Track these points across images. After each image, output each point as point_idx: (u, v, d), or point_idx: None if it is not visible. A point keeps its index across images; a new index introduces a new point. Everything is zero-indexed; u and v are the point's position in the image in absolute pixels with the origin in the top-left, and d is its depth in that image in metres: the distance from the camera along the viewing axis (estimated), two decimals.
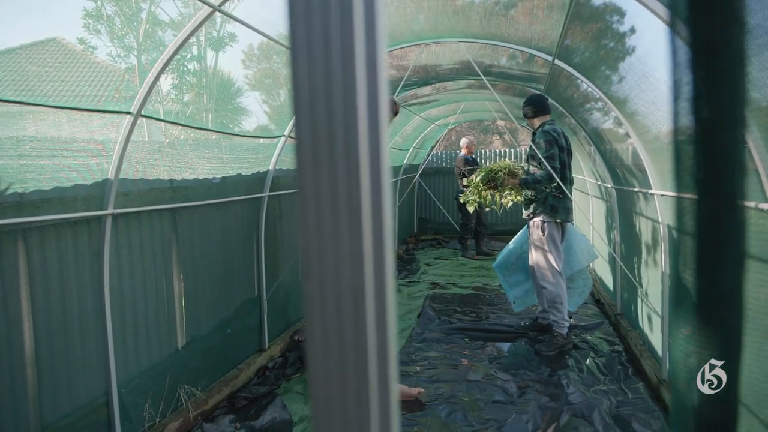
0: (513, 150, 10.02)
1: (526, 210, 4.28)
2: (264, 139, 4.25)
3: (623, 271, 4.36)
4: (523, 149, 9.16)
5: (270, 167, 4.05)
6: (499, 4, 3.66)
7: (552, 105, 4.66)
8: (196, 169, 3.37)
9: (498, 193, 4.40)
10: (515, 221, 9.11)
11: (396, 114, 3.12)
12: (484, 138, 20.78)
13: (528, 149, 4.37)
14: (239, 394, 3.43)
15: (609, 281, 5.26)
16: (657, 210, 3.31)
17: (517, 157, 9.58)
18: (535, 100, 4.28)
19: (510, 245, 4.70)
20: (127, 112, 2.56)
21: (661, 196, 3.22)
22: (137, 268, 2.84)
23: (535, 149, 4.00)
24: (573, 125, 5.26)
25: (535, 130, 4.23)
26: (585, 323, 4.71)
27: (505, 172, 4.30)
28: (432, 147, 10.41)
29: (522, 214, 4.40)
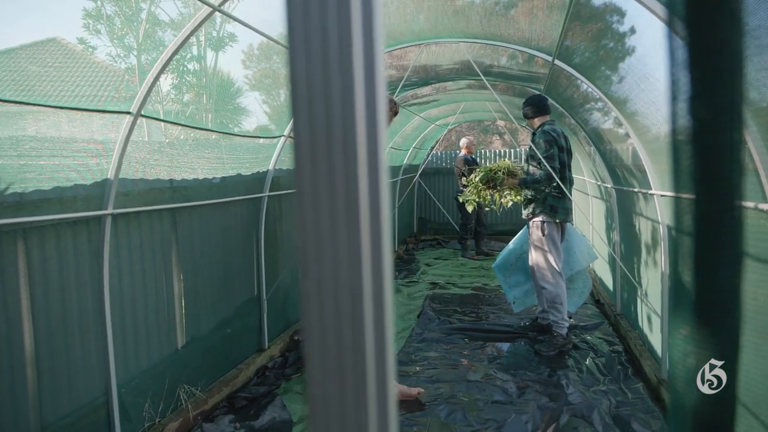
0: (513, 150, 10.02)
1: (525, 210, 4.28)
2: (264, 139, 4.25)
3: (623, 272, 4.36)
4: (523, 149, 9.16)
5: (270, 167, 4.05)
6: (499, 5, 3.66)
7: (552, 105, 4.66)
8: (196, 169, 3.37)
9: (497, 193, 4.40)
10: (515, 221, 9.11)
11: (396, 114, 3.12)
12: (484, 138, 20.78)
13: (528, 149, 4.37)
14: (239, 394, 3.43)
15: (609, 281, 5.26)
16: (657, 210, 3.31)
17: (517, 158, 9.58)
18: (535, 101, 4.28)
19: (510, 245, 4.70)
20: (127, 112, 2.56)
21: (661, 196, 3.22)
22: (137, 268, 2.84)
23: (534, 149, 4.00)
24: (573, 125, 5.26)
25: (534, 130, 4.24)
26: (585, 323, 4.71)
27: (504, 172, 4.30)
28: (432, 147, 10.41)
29: (522, 214, 4.40)
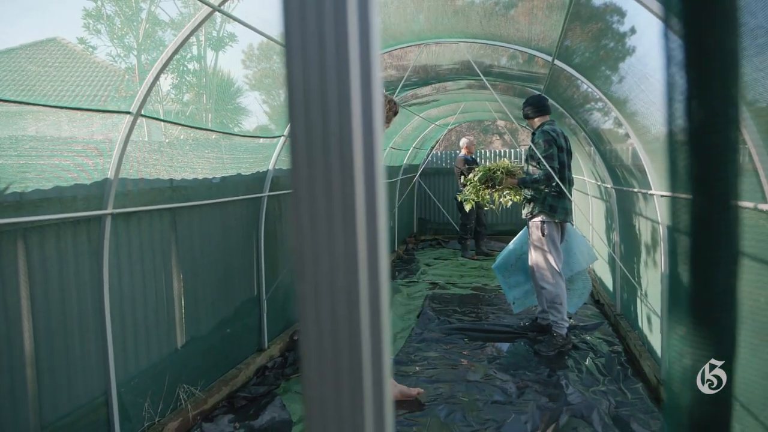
0: (513, 150, 10.02)
1: (524, 209, 4.28)
2: (264, 139, 4.25)
3: (623, 272, 4.36)
4: (522, 149, 9.16)
5: (270, 167, 4.05)
6: (499, 5, 3.66)
7: (552, 105, 4.66)
8: (196, 168, 3.37)
9: (496, 193, 4.40)
10: (515, 221, 9.11)
11: (396, 114, 3.12)
12: (484, 138, 20.78)
13: (527, 149, 4.37)
14: (238, 393, 3.43)
15: (608, 282, 5.26)
16: (656, 210, 3.31)
17: (517, 158, 9.58)
18: (535, 101, 4.29)
19: (510, 246, 4.70)
20: (127, 112, 2.56)
21: (661, 196, 3.22)
22: (137, 267, 2.84)
23: (534, 149, 4.00)
24: (573, 126, 5.26)
25: (534, 130, 4.24)
26: (584, 324, 4.71)
27: (503, 171, 4.30)
28: (432, 147, 10.41)
29: (521, 214, 4.40)
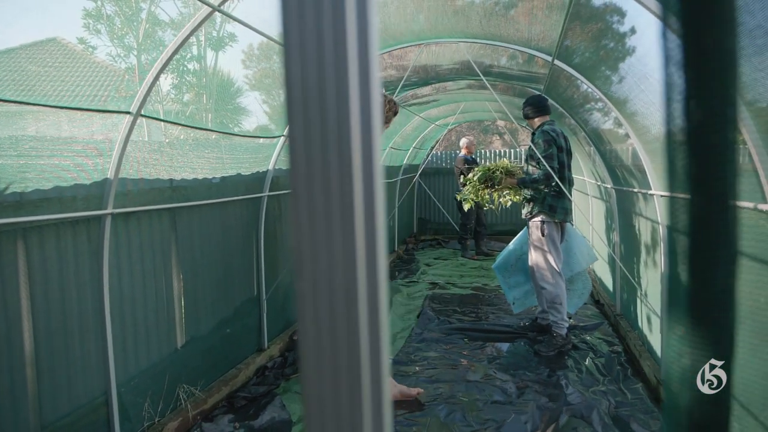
0: (513, 150, 10.02)
1: (524, 209, 4.28)
2: (264, 139, 4.25)
3: (623, 272, 4.36)
4: (522, 149, 9.16)
5: (269, 167, 4.05)
6: (499, 5, 3.66)
7: (552, 105, 4.66)
8: (196, 168, 3.38)
9: (496, 193, 4.40)
10: (515, 221, 9.11)
11: (396, 114, 3.12)
12: (484, 138, 20.79)
13: (527, 149, 4.37)
14: (238, 393, 3.43)
15: (608, 282, 5.26)
16: (656, 211, 3.31)
17: (517, 158, 9.58)
18: (534, 101, 4.29)
19: (510, 246, 4.70)
20: (127, 112, 2.56)
21: (661, 196, 3.22)
22: (137, 267, 2.85)
23: (534, 149, 4.00)
24: (573, 126, 5.26)
25: (534, 130, 4.24)
26: (584, 324, 4.71)
27: (502, 171, 4.30)
28: (432, 147, 10.41)
29: (521, 214, 4.40)
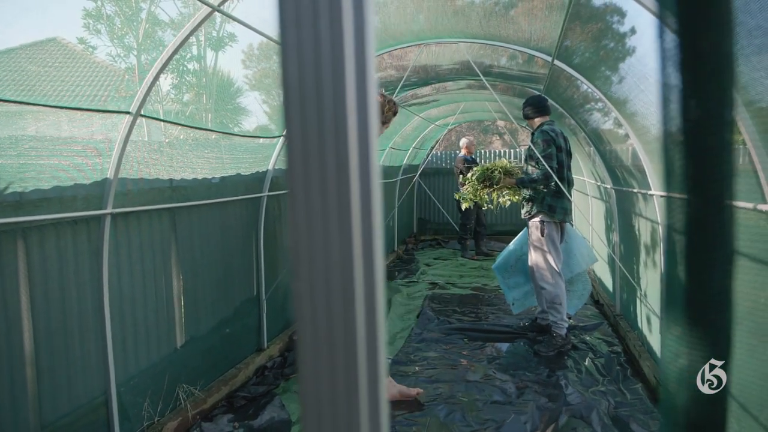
0: (513, 150, 10.02)
1: (523, 209, 4.28)
2: (263, 139, 4.25)
3: (622, 272, 4.36)
4: (522, 149, 9.15)
5: (269, 167, 4.05)
6: (499, 5, 3.66)
7: (552, 106, 4.66)
8: (196, 168, 3.38)
9: (495, 193, 4.40)
10: (515, 222, 9.11)
11: (395, 114, 3.11)
12: (484, 138, 20.79)
13: (527, 149, 4.37)
14: (238, 393, 3.43)
15: (608, 282, 5.26)
16: (656, 211, 3.31)
17: (517, 158, 9.58)
18: (535, 101, 4.29)
19: (510, 246, 4.70)
20: (127, 112, 2.56)
21: (660, 197, 3.22)
22: (136, 267, 2.85)
23: (533, 149, 4.00)
24: (573, 126, 5.26)
25: (534, 130, 4.24)
26: (584, 324, 4.71)
27: (500, 171, 4.30)
28: (432, 147, 10.41)
29: (521, 214, 4.40)
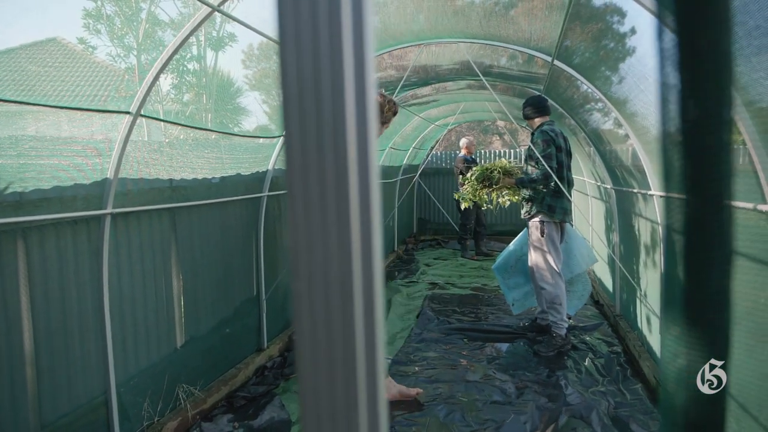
0: (513, 150, 10.02)
1: (523, 209, 4.28)
2: (263, 139, 4.25)
3: (622, 272, 4.36)
4: (522, 149, 9.16)
5: (269, 167, 4.05)
6: (499, 5, 3.66)
7: (552, 106, 4.66)
8: (196, 168, 3.38)
9: (494, 192, 4.40)
10: (515, 222, 9.11)
11: (395, 114, 3.11)
12: (484, 138, 20.79)
13: (527, 149, 4.37)
14: (238, 393, 3.43)
15: (608, 282, 5.26)
16: (656, 211, 3.31)
17: (517, 158, 9.58)
18: (534, 101, 4.29)
19: (510, 247, 4.70)
20: (126, 112, 2.56)
21: (660, 197, 3.22)
22: (136, 267, 2.85)
23: (533, 148, 4.01)
24: (573, 126, 5.26)
25: (534, 130, 4.24)
26: (584, 324, 4.71)
27: (500, 171, 4.30)
28: (431, 147, 10.42)
29: (521, 214, 4.40)
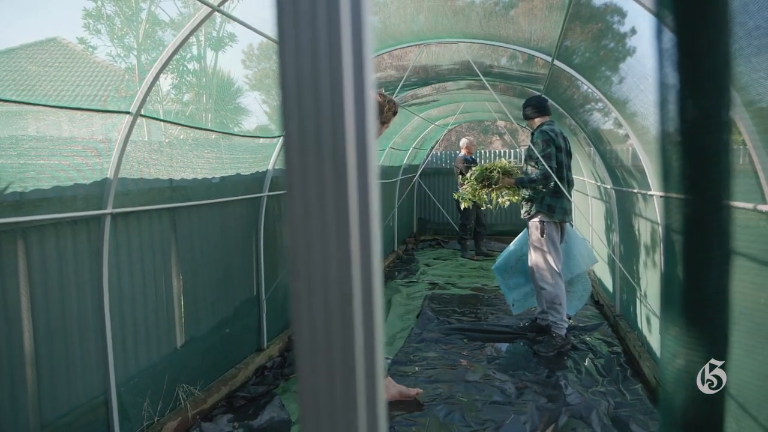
0: (513, 150, 10.02)
1: (523, 209, 4.28)
2: (263, 139, 4.25)
3: (622, 273, 4.36)
4: (522, 150, 9.16)
5: (269, 167, 4.05)
6: (499, 5, 3.66)
7: (552, 106, 4.66)
8: (196, 168, 3.38)
9: (494, 192, 4.40)
10: (515, 222, 9.11)
11: (395, 114, 3.11)
12: (484, 138, 20.79)
13: (527, 149, 4.37)
14: (238, 393, 3.43)
15: (608, 282, 5.26)
16: (656, 211, 3.31)
17: (517, 158, 9.58)
18: (535, 101, 4.29)
19: (510, 247, 4.70)
20: (127, 112, 2.57)
21: (660, 197, 3.22)
22: (136, 267, 2.85)
23: (533, 148, 4.01)
24: (573, 126, 5.26)
25: (533, 130, 4.24)
26: (584, 324, 4.71)
27: (499, 171, 4.30)
28: (431, 147, 10.42)
29: (521, 214, 4.40)
